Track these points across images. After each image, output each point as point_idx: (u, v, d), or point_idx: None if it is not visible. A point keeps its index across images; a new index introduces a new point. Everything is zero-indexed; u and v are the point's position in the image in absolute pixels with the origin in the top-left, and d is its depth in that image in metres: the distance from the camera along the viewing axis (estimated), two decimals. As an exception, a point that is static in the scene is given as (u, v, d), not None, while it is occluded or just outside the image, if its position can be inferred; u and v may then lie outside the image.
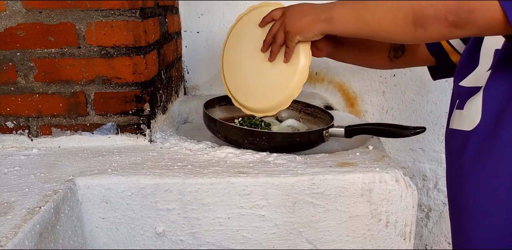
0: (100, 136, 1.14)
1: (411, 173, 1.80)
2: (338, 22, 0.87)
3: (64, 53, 1.08)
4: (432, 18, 0.72)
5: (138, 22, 1.07)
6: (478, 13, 0.68)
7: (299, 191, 0.94)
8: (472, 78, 0.88)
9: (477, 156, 0.82)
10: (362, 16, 0.83)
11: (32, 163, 1.03)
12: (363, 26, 0.84)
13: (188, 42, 1.64)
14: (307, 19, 0.92)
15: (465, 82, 0.90)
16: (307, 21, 0.92)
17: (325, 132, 1.12)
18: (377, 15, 0.80)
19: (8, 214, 0.78)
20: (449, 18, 0.70)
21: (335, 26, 0.88)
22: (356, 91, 1.69)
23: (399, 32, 0.79)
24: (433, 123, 1.73)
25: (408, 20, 0.75)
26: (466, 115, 0.85)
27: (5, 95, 1.11)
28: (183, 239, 0.97)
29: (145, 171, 0.97)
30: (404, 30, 0.77)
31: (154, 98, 1.19)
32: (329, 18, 0.88)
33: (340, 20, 0.87)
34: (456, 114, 0.89)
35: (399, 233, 0.97)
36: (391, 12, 0.78)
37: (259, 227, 0.96)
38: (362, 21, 0.83)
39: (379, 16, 0.79)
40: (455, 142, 0.88)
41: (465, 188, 0.86)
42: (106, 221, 0.96)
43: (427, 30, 0.74)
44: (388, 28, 0.79)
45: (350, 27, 0.86)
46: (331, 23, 0.88)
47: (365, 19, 0.83)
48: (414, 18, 0.74)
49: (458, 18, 0.70)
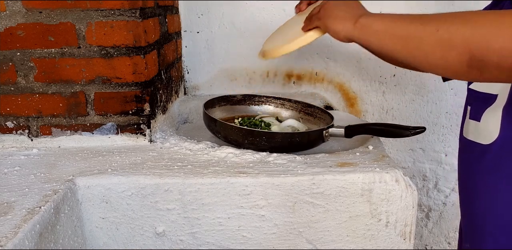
0: (100, 136, 1.14)
1: (411, 173, 1.80)
2: (370, 34, 0.75)
3: (64, 53, 1.08)
4: (494, 66, 0.60)
5: (138, 22, 1.07)
6: None
7: (299, 191, 0.94)
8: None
9: (494, 170, 0.80)
10: (404, 42, 0.69)
11: (32, 163, 1.03)
12: (402, 51, 0.70)
13: (188, 42, 1.64)
14: (341, 14, 0.81)
15: (475, 85, 0.86)
16: (340, 16, 0.81)
17: (325, 132, 1.12)
18: (423, 47, 0.66)
19: (8, 214, 0.78)
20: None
21: (365, 36, 0.77)
22: (356, 91, 1.69)
23: (449, 70, 0.66)
24: (433, 124, 1.73)
25: (463, 61, 0.62)
26: (483, 129, 0.82)
27: (5, 95, 1.11)
28: (183, 239, 0.97)
29: (145, 171, 0.97)
30: (455, 69, 0.64)
31: (154, 98, 1.19)
32: (365, 25, 0.76)
33: (375, 34, 0.74)
34: (471, 125, 0.86)
35: (399, 233, 0.97)
36: (441, 48, 0.64)
37: (259, 227, 0.96)
38: (403, 47, 0.70)
39: (425, 48, 0.66)
40: (471, 153, 0.86)
41: (480, 200, 0.85)
42: (106, 221, 0.96)
43: (484, 74, 0.62)
44: (436, 63, 0.66)
45: (384, 46, 0.73)
46: (362, 31, 0.77)
47: (407, 46, 0.69)
48: (470, 60, 0.61)
49: None
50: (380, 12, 1.00)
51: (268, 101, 1.38)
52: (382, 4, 1.58)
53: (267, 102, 1.38)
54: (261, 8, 1.59)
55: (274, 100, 1.38)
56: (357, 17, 0.79)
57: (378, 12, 0.81)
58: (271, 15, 1.60)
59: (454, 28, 0.63)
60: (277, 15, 1.60)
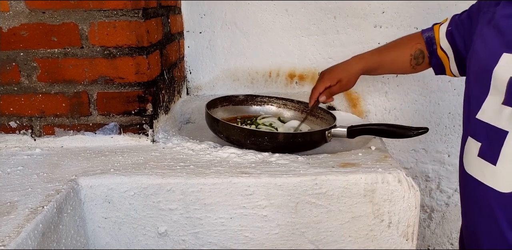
0: (102, 135, 1.15)
1: (414, 173, 1.80)
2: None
3: (67, 53, 1.09)
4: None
5: (140, 22, 1.07)
6: None
7: (302, 191, 0.94)
8: (489, 111, 0.83)
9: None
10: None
11: (35, 163, 1.03)
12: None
13: (190, 43, 1.64)
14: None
15: (481, 115, 0.84)
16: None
17: (328, 132, 1.12)
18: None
19: (11, 214, 0.78)
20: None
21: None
22: (359, 91, 1.69)
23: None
24: (436, 124, 1.72)
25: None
26: (501, 175, 0.80)
27: (8, 95, 1.11)
28: (185, 239, 0.97)
29: (147, 171, 0.97)
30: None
31: (157, 98, 1.19)
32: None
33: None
34: (483, 167, 0.83)
35: (402, 234, 0.97)
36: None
37: (261, 227, 0.96)
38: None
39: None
40: (483, 198, 0.84)
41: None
42: (108, 221, 0.96)
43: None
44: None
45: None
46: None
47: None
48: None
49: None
50: (383, 13, 1.04)
51: (271, 102, 1.38)
52: (383, 4, 1.58)
53: (270, 102, 1.38)
54: (263, 9, 1.59)
55: (276, 101, 1.38)
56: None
57: (381, 13, 0.84)
58: (274, 15, 1.60)
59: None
60: (280, 16, 1.60)
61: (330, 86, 1.17)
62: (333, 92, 1.19)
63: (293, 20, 1.60)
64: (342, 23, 1.60)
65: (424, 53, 1.13)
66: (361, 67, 1.18)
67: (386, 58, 1.19)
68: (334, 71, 1.19)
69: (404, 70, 1.20)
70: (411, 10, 1.58)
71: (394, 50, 1.19)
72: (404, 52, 1.16)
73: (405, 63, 1.17)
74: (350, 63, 1.19)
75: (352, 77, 1.18)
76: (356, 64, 1.18)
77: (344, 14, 1.59)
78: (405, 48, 1.16)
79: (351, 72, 1.17)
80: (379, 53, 1.20)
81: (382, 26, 1.60)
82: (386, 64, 1.20)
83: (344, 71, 1.17)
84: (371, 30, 1.60)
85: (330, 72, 1.19)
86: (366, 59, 1.19)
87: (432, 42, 1.10)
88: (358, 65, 1.18)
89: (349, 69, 1.18)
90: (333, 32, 1.61)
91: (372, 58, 1.19)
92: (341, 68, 1.19)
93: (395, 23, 1.59)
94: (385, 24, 1.59)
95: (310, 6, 1.59)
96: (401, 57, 1.17)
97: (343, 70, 1.18)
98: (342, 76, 1.17)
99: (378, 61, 1.19)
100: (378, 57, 1.19)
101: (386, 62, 1.19)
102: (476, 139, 0.86)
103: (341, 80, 1.17)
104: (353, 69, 1.18)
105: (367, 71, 1.20)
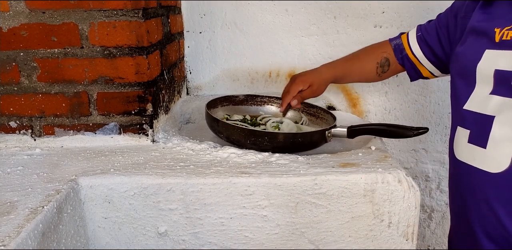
0: (102, 135, 1.15)
1: (414, 173, 1.80)
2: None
3: (67, 53, 1.09)
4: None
5: (140, 22, 1.07)
6: None
7: (302, 191, 0.94)
8: (476, 101, 0.91)
9: (500, 198, 0.86)
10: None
11: (35, 163, 1.03)
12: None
13: (190, 43, 1.64)
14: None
15: (469, 105, 0.92)
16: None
17: (328, 132, 1.12)
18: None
19: (11, 214, 0.78)
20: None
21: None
22: (359, 91, 1.69)
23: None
24: (436, 124, 1.73)
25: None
26: (491, 157, 0.87)
27: (8, 95, 1.11)
28: (185, 239, 0.97)
29: (147, 171, 0.97)
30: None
31: (157, 98, 1.19)
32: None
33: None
34: (474, 152, 0.91)
35: (402, 234, 0.97)
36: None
37: (261, 227, 0.96)
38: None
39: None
40: (475, 181, 0.91)
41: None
42: (108, 221, 0.96)
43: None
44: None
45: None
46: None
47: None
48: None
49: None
50: (383, 13, 1.06)
51: (271, 102, 1.38)
52: (383, 4, 1.58)
53: (270, 102, 1.38)
54: (263, 9, 1.59)
55: (276, 101, 1.38)
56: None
57: (381, 13, 0.88)
58: (274, 15, 1.60)
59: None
60: (280, 15, 1.60)
61: (301, 90, 1.19)
62: (304, 97, 1.21)
63: (293, 20, 1.60)
64: (342, 23, 1.60)
65: (390, 61, 1.20)
66: (331, 75, 1.21)
67: (354, 67, 1.24)
68: (306, 75, 1.21)
69: (371, 78, 1.25)
70: (411, 10, 1.58)
71: (362, 59, 1.23)
72: (370, 60, 1.21)
73: (371, 72, 1.22)
74: (320, 70, 1.22)
75: (322, 83, 1.21)
76: (326, 72, 1.21)
77: (344, 14, 1.59)
78: (371, 57, 1.21)
79: (321, 78, 1.20)
80: (348, 62, 1.25)
81: (382, 26, 1.60)
82: (354, 72, 1.24)
83: (316, 77, 1.20)
84: (371, 30, 1.60)
85: (302, 76, 1.21)
86: (336, 67, 1.23)
87: (401, 48, 1.17)
88: (328, 72, 1.21)
89: (320, 75, 1.21)
90: (333, 32, 1.61)
91: (342, 66, 1.24)
92: (312, 73, 1.21)
93: (395, 23, 1.59)
94: (385, 24, 1.60)
95: (310, 6, 1.59)
96: (368, 66, 1.22)
97: (314, 76, 1.20)
98: (314, 81, 1.19)
99: (347, 69, 1.23)
100: (346, 65, 1.24)
101: (355, 70, 1.24)
102: (465, 127, 0.93)
103: (312, 85, 1.19)
104: (323, 75, 1.21)
105: (336, 79, 1.24)
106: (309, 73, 1.21)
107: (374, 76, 1.23)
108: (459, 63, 0.97)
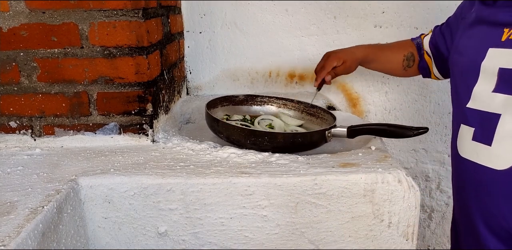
0: (102, 135, 1.15)
1: (414, 173, 1.80)
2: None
3: (67, 53, 1.09)
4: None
5: (140, 22, 1.07)
6: None
7: (302, 191, 0.94)
8: (479, 99, 0.92)
9: (507, 194, 0.87)
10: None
11: (35, 163, 1.03)
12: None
13: (190, 43, 1.64)
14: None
15: (473, 103, 0.93)
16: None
17: (328, 132, 1.12)
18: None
19: (11, 214, 0.78)
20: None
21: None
22: (359, 91, 1.69)
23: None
24: (436, 124, 1.72)
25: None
26: (496, 154, 0.88)
27: (8, 95, 1.11)
28: (185, 239, 0.97)
29: (147, 171, 0.97)
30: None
31: (157, 98, 1.19)
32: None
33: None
34: (478, 149, 0.92)
35: (402, 234, 0.97)
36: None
37: (261, 227, 0.96)
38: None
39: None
40: (479, 177, 0.92)
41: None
42: (108, 221, 0.96)
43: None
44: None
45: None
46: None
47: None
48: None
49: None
50: (383, 13, 1.07)
51: (271, 102, 1.38)
52: (383, 4, 1.58)
53: (270, 102, 1.38)
54: (263, 9, 1.59)
55: (276, 101, 1.38)
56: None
57: (381, 13, 0.88)
58: (274, 15, 1.60)
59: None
60: (280, 15, 1.60)
61: (335, 66, 1.22)
62: (338, 73, 1.24)
63: (293, 20, 1.60)
64: (342, 23, 1.60)
65: (415, 56, 1.24)
66: (363, 55, 1.25)
67: (383, 54, 1.28)
68: (340, 52, 1.24)
69: (396, 70, 1.29)
70: (411, 10, 1.58)
71: (390, 49, 1.28)
72: (398, 52, 1.26)
73: (398, 63, 1.26)
74: (352, 50, 1.26)
75: (354, 61, 1.24)
76: (358, 51, 1.25)
77: (344, 14, 1.59)
78: (400, 49, 1.26)
79: (354, 57, 1.24)
80: (379, 48, 1.31)
81: (382, 26, 1.60)
82: (382, 59, 1.28)
83: (349, 55, 1.23)
84: (371, 30, 1.60)
85: (336, 53, 1.24)
86: (367, 49, 1.27)
87: (420, 47, 1.23)
88: (360, 52, 1.25)
89: (353, 54, 1.24)
90: (333, 32, 1.61)
91: (372, 50, 1.28)
92: (345, 51, 1.25)
93: (395, 23, 1.59)
94: (385, 24, 1.60)
95: (310, 6, 1.59)
96: (396, 56, 1.26)
97: (347, 54, 1.24)
98: (347, 58, 1.22)
99: (376, 54, 1.27)
100: (377, 50, 1.28)
101: (383, 57, 1.28)
102: (469, 125, 0.94)
103: (346, 62, 1.22)
104: (356, 54, 1.24)
105: (366, 60, 1.27)
106: (342, 52, 1.25)
107: (400, 69, 1.27)
108: (461, 61, 0.98)
